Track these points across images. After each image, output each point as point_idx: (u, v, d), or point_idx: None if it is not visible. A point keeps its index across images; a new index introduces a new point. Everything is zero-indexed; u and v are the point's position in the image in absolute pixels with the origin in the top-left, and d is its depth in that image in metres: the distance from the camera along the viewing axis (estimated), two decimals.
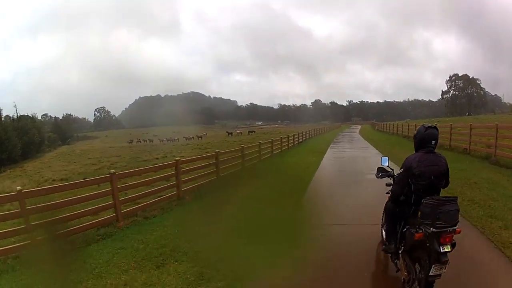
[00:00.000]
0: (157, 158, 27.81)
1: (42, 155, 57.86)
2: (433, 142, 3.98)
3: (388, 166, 5.16)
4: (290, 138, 24.73)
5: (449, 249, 3.46)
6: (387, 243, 4.59)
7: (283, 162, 16.47)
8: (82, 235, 6.81)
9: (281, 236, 5.41)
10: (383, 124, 49.47)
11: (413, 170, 3.89)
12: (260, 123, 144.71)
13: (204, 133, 73.27)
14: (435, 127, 4.09)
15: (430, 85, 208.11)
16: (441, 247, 3.47)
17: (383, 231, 5.11)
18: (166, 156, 28.68)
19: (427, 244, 3.60)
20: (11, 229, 6.34)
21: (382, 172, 5.15)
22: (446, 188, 4.11)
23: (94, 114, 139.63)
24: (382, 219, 5.39)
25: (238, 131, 72.41)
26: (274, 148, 20.00)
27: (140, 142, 70.00)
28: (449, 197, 3.63)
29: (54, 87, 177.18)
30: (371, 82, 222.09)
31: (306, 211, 7.28)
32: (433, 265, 3.52)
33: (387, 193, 4.82)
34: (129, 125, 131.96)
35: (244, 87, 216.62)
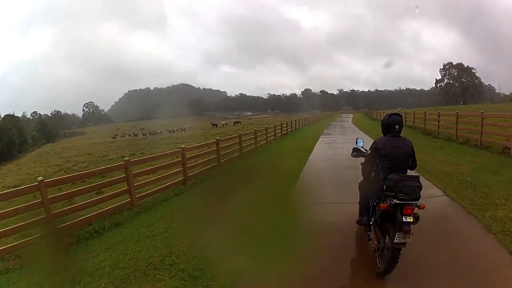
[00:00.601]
0: (123, 157, 26.65)
1: (24, 155, 56.25)
2: (397, 127, 4.50)
3: (362, 147, 5.76)
4: (271, 130, 22.76)
5: (411, 220, 3.94)
6: (360, 216, 5.19)
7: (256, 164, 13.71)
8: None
9: None
10: (378, 113, 46.82)
11: (380, 151, 4.47)
12: (249, 113, 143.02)
13: (190, 125, 71.67)
14: (398, 114, 4.65)
15: (420, 76, 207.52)
16: (403, 217, 3.95)
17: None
18: (134, 154, 29.27)
19: (392, 215, 4.15)
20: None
21: (356, 152, 5.72)
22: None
23: (83, 109, 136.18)
24: None
25: (223, 122, 71.09)
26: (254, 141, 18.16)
27: (124, 136, 68.52)
28: (412, 175, 4.24)
29: (43, 83, 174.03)
30: (360, 73, 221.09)
31: None
32: (397, 233, 3.97)
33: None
34: (119, 119, 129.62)
35: (233, 78, 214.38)
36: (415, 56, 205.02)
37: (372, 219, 4.75)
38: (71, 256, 6.00)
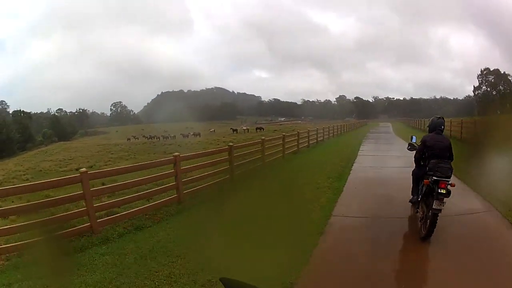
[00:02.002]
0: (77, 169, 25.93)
1: (25, 152, 55.34)
2: (442, 127, 6.76)
3: (415, 142, 7.73)
4: (288, 141, 18.26)
5: (444, 192, 5.82)
6: (412, 196, 7.38)
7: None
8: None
9: None
10: (419, 121, 41.51)
11: (427, 143, 6.61)
12: (282, 119, 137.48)
13: (212, 129, 67.33)
14: (442, 118, 6.82)
15: (451, 84, 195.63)
16: (439, 190, 5.84)
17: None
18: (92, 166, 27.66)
19: (432, 189, 6.02)
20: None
21: (411, 146, 7.84)
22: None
23: (111, 109, 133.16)
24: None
25: (244, 128, 65.54)
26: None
27: (138, 138, 64.97)
28: (446, 160, 6.25)
29: (74, 83, 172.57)
30: (392, 80, 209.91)
31: None
32: (434, 201, 5.88)
33: None
34: (149, 120, 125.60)
35: (267, 83, 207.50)
36: (445, 64, 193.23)
37: (420, 196, 6.82)
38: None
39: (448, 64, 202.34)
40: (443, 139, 6.50)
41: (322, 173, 11.83)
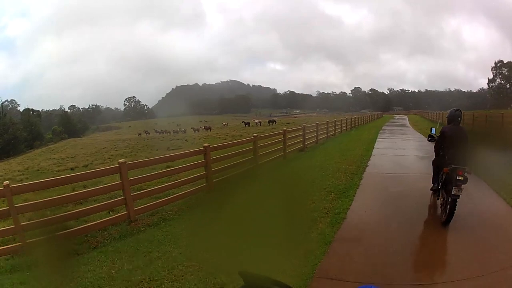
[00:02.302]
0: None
1: (32, 150, 54.92)
2: (459, 119, 7.01)
3: (434, 134, 8.08)
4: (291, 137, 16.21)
5: (462, 179, 6.15)
6: (433, 184, 7.58)
7: None
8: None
9: None
10: (434, 114, 39.92)
11: (446, 134, 6.94)
12: (298, 111, 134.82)
13: (225, 123, 65.18)
14: (459, 110, 7.07)
15: (464, 76, 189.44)
16: (457, 177, 6.17)
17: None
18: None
19: (451, 177, 6.31)
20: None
21: (431, 137, 8.17)
22: None
23: (124, 104, 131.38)
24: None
25: (256, 121, 62.73)
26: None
27: (149, 133, 64.33)
28: (461, 151, 6.60)
29: (88, 80, 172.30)
30: (407, 72, 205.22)
31: None
32: (453, 187, 6.18)
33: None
34: (164, 114, 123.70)
35: (282, 76, 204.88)
36: (459, 56, 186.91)
37: (440, 184, 7.10)
38: None
39: (461, 56, 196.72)
40: (460, 130, 6.97)
41: (321, 185, 9.22)
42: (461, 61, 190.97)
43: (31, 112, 71.74)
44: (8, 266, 5.76)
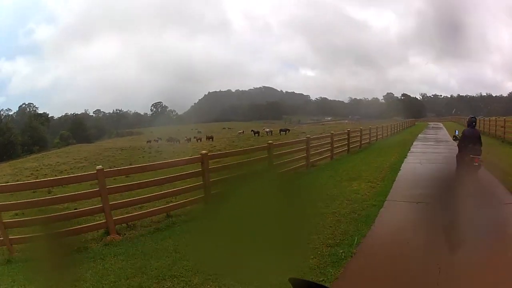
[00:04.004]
0: None
1: (28, 155, 53.95)
2: (474, 123, 9.91)
3: (458, 135, 10.42)
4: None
5: (477, 164, 9.16)
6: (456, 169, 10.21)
7: None
8: None
9: None
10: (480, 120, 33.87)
11: (465, 134, 9.79)
12: (329, 118, 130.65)
13: (241, 131, 60.11)
14: (474, 117, 10.07)
15: (494, 80, 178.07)
16: (474, 163, 9.15)
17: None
18: None
19: (470, 163, 9.31)
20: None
21: (455, 138, 10.55)
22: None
23: (151, 109, 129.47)
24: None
25: (267, 130, 56.89)
26: None
27: (158, 141, 61.98)
28: (477, 144, 9.52)
29: (117, 85, 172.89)
30: (437, 76, 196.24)
31: None
32: (470, 169, 9.18)
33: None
34: (195, 120, 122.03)
35: (315, 82, 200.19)
36: (486, 58, 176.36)
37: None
38: None
39: (488, 58, 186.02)
40: (475, 131, 9.95)
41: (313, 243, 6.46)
42: (488, 64, 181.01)
43: (41, 117, 70.89)
44: None
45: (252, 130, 58.07)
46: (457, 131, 11.16)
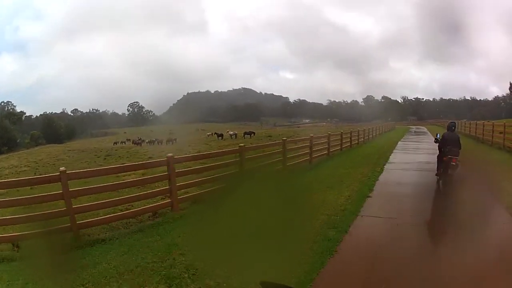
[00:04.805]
0: None
1: None
2: (453, 128, 10.91)
3: (438, 137, 11.31)
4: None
5: (454, 164, 10.24)
6: (437, 170, 11.37)
7: None
8: None
9: None
10: (462, 123, 32.88)
11: (445, 137, 10.82)
12: (307, 120, 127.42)
13: (210, 133, 55.13)
14: (454, 122, 11.62)
15: (477, 85, 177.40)
16: (451, 163, 10.26)
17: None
18: None
19: (448, 163, 10.37)
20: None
21: (436, 140, 11.41)
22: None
23: (127, 109, 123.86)
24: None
25: (231, 133, 51.28)
26: None
27: (125, 143, 57.56)
28: (456, 146, 10.52)
29: (96, 84, 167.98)
30: (419, 80, 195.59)
31: None
32: (449, 169, 10.33)
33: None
34: (173, 121, 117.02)
35: (294, 84, 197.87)
36: (470, 63, 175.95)
37: (441, 169, 10.88)
38: None
39: (473, 63, 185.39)
40: (454, 134, 10.84)
41: None
42: (472, 68, 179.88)
43: (14, 116, 67.59)
44: None
45: (215, 133, 52.33)
46: (438, 134, 11.80)
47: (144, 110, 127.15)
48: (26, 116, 74.67)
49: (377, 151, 21.23)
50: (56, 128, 73.16)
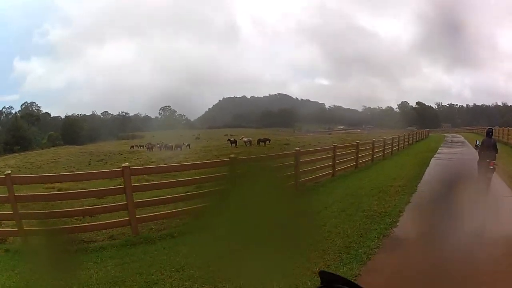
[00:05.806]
0: None
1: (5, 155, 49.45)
2: (490, 134, 11.35)
3: (478, 144, 11.62)
4: None
5: (492, 167, 10.72)
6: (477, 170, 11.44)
7: None
8: None
9: None
10: (501, 130, 28.84)
11: (484, 143, 11.18)
12: (341, 127, 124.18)
13: (232, 138, 53.10)
14: (491, 128, 11.96)
15: (505, 88, 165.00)
16: (489, 166, 10.71)
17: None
18: None
19: (486, 166, 10.87)
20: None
21: (476, 146, 11.78)
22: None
23: (159, 113, 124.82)
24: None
25: (245, 139, 48.19)
26: None
27: (141, 147, 54.77)
28: (493, 151, 11.04)
29: (131, 88, 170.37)
30: (451, 86, 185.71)
31: None
32: (487, 173, 10.76)
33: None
34: (207, 125, 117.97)
35: (331, 90, 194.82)
36: (499, 67, 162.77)
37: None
38: None
39: (501, 67, 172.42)
40: (492, 140, 11.28)
41: None
42: (501, 73, 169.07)
43: (32, 116, 67.05)
44: None
45: (228, 139, 49.96)
46: (477, 141, 12.19)
47: (176, 115, 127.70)
48: (52, 117, 73.19)
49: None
50: (77, 130, 74.48)
